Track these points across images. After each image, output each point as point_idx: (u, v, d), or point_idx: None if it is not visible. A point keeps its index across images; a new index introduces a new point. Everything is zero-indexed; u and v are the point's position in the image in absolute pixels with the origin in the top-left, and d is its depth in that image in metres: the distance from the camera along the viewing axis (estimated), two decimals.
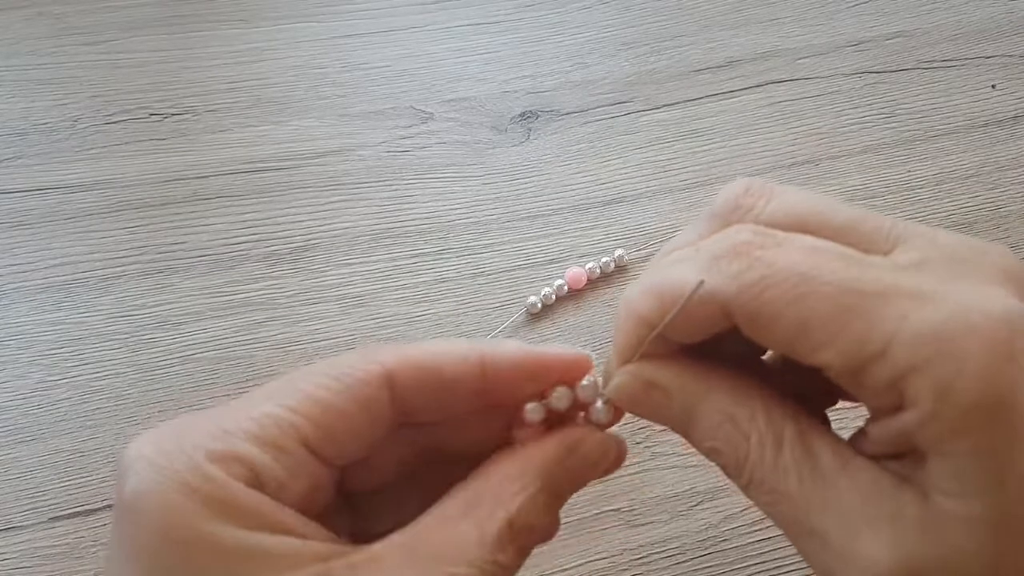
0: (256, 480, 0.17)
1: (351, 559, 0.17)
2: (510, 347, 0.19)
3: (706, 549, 0.31)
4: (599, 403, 0.20)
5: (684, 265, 0.18)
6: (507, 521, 0.18)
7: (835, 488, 0.17)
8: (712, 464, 0.33)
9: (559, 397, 0.19)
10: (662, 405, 0.19)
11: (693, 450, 0.33)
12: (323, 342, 0.36)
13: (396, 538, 0.18)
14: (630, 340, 0.19)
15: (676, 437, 0.34)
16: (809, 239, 0.17)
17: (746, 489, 0.18)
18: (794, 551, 0.31)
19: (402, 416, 0.19)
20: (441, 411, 0.20)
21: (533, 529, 0.18)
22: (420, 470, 0.20)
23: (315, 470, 0.18)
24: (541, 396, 0.20)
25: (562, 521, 0.31)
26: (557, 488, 0.19)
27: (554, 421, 0.20)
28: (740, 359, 0.20)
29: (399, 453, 0.20)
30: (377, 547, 0.18)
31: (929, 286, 0.16)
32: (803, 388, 0.19)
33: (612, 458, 0.20)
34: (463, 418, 0.20)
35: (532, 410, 0.19)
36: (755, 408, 0.18)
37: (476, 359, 0.19)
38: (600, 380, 0.20)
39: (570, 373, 0.20)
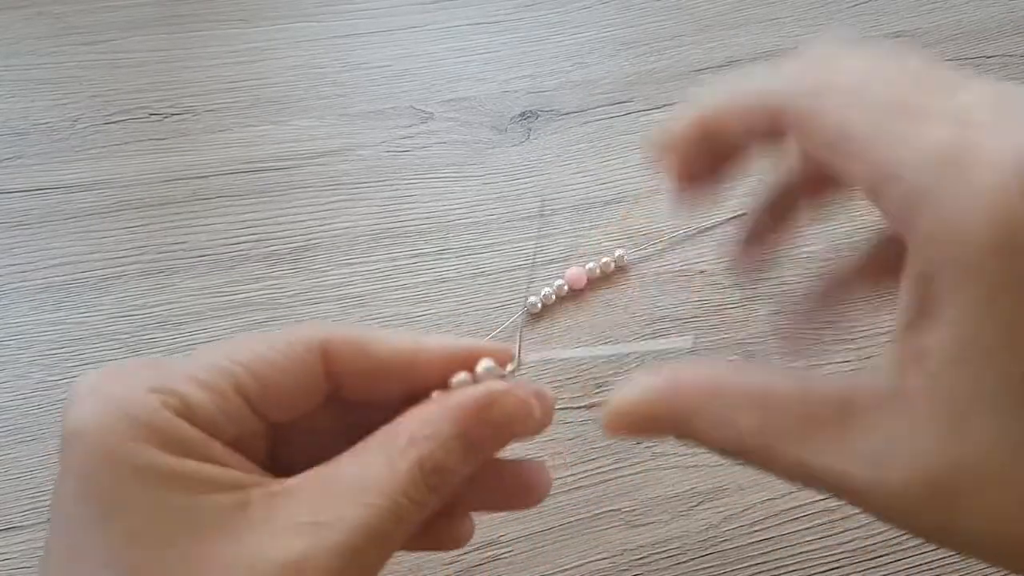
0: (189, 414, 0.18)
1: (270, 488, 0.18)
2: (439, 338, 0.21)
3: (706, 549, 0.31)
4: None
5: (758, 71, 0.19)
6: (418, 459, 0.19)
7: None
8: (713, 464, 0.33)
9: (486, 370, 0.21)
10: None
11: (694, 450, 0.33)
12: None
13: (313, 471, 0.19)
14: (683, 129, 0.20)
15: None
16: (872, 53, 0.18)
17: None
18: (794, 551, 0.31)
19: (334, 388, 0.21)
20: (369, 389, 0.21)
21: (445, 471, 0.19)
22: (346, 446, 0.21)
23: (247, 419, 0.19)
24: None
25: (562, 521, 0.32)
26: (474, 437, 0.20)
27: None
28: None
29: (329, 427, 0.22)
30: (295, 479, 0.19)
31: (967, 115, 0.15)
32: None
33: (537, 417, 0.21)
34: (392, 402, 0.21)
35: (459, 381, 0.20)
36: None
37: (407, 346, 0.21)
38: (499, 366, 0.21)
39: (495, 359, 0.21)
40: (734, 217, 0.40)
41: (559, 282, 0.37)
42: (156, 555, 0.17)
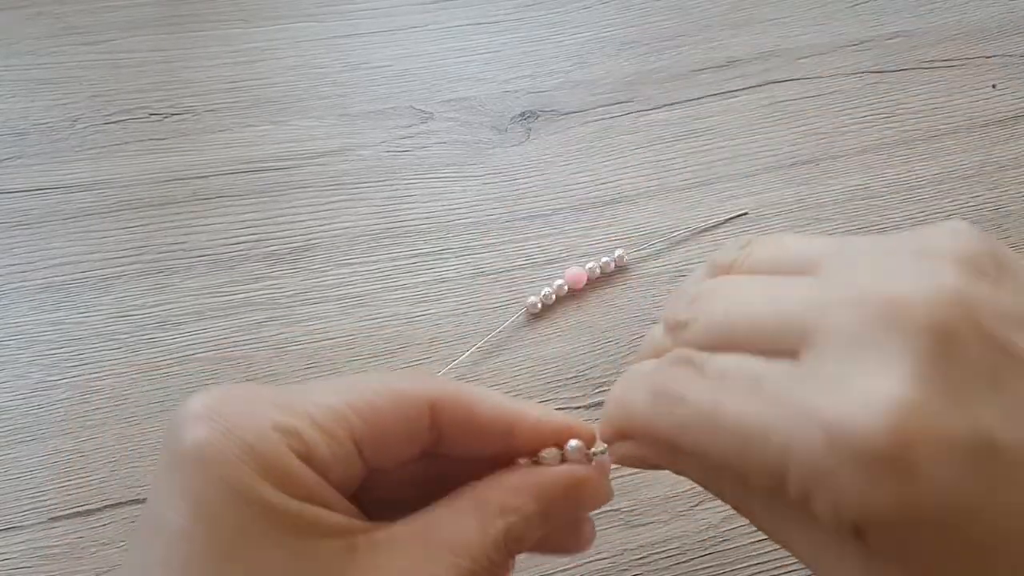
0: (308, 457, 0.19)
1: (373, 536, 0.19)
2: (538, 411, 0.22)
3: (706, 549, 0.31)
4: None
5: (637, 392, 0.20)
6: (505, 528, 0.20)
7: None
8: None
9: (574, 449, 0.22)
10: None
11: None
12: (323, 342, 0.36)
13: (412, 523, 0.20)
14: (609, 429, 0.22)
15: None
16: (722, 362, 0.18)
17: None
18: None
19: (433, 443, 0.22)
20: (464, 447, 0.22)
21: (522, 540, 0.21)
22: (424, 491, 0.22)
23: (354, 464, 0.20)
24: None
25: None
26: (551, 512, 0.21)
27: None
28: None
29: (411, 471, 0.23)
30: (396, 527, 0.20)
31: (817, 398, 0.16)
32: None
33: (601, 501, 0.23)
34: (478, 457, 0.22)
35: (549, 456, 0.22)
36: None
37: (508, 414, 0.22)
38: (588, 445, 0.23)
39: (581, 439, 0.23)
40: (734, 217, 0.40)
41: (559, 282, 0.37)
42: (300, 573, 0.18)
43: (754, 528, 0.31)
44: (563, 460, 0.22)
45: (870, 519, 0.15)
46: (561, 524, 0.23)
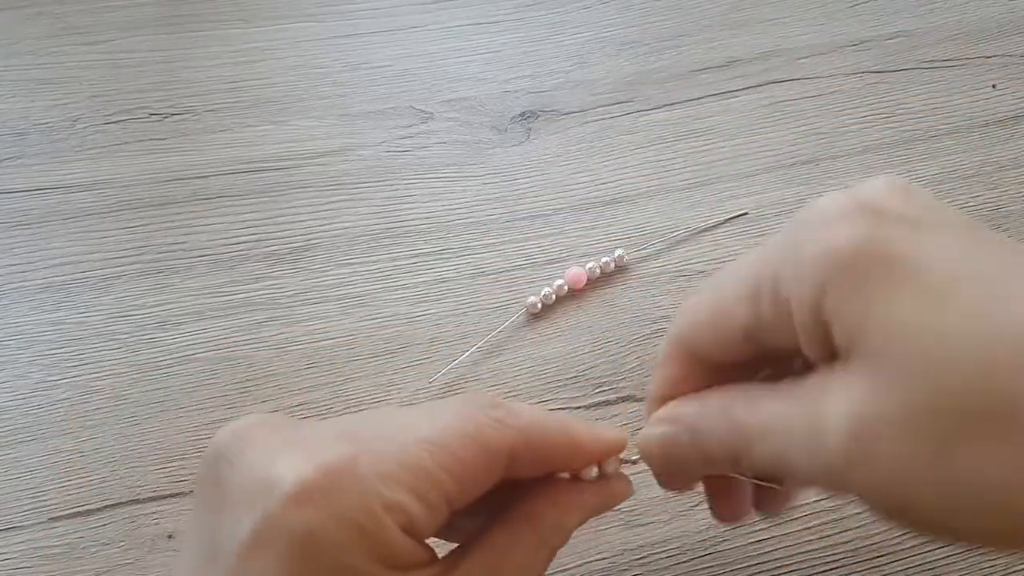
0: (410, 527, 0.20)
1: None
2: (588, 433, 0.24)
3: (706, 549, 0.31)
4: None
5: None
6: (554, 546, 0.23)
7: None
8: None
9: (611, 463, 0.25)
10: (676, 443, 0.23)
11: None
12: (323, 342, 0.36)
13: (479, 554, 0.21)
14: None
15: None
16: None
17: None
18: (794, 551, 0.31)
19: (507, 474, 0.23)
20: (529, 473, 0.23)
21: (558, 550, 0.23)
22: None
23: (444, 520, 0.21)
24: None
25: None
26: (586, 521, 0.24)
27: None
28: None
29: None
30: (470, 563, 0.21)
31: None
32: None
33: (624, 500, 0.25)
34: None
35: (590, 475, 0.24)
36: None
37: (570, 444, 0.23)
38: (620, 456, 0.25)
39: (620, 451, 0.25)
40: (734, 217, 0.40)
41: (559, 282, 0.37)
42: None
43: (754, 528, 0.31)
44: (599, 474, 0.24)
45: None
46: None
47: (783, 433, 0.19)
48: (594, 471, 0.24)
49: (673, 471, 0.24)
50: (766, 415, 0.20)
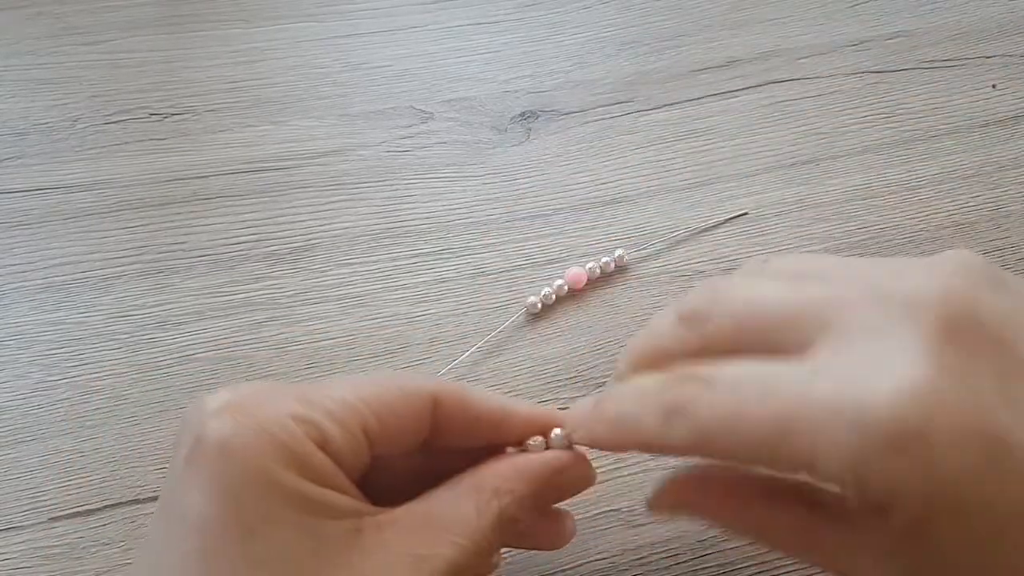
0: (324, 445, 0.20)
1: (378, 518, 0.21)
2: (526, 405, 0.25)
3: (706, 549, 0.31)
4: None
5: (646, 410, 0.21)
6: (499, 509, 0.22)
7: None
8: None
9: (557, 437, 0.25)
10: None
11: None
12: (323, 342, 0.36)
13: (414, 506, 0.22)
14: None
15: None
16: (731, 371, 0.20)
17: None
18: None
19: (433, 434, 0.23)
20: (459, 439, 0.24)
21: (516, 521, 0.23)
22: (426, 482, 0.24)
23: (364, 452, 0.22)
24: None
25: None
26: (540, 496, 0.23)
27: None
28: None
29: (408, 460, 0.25)
30: (399, 511, 0.22)
31: (840, 386, 0.17)
32: None
33: (584, 485, 0.25)
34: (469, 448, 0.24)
35: (535, 444, 0.25)
36: None
37: (500, 408, 0.24)
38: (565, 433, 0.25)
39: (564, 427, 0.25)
40: (734, 217, 0.40)
41: (559, 282, 0.37)
42: (289, 573, 0.19)
43: None
44: (547, 447, 0.24)
45: (895, 494, 0.16)
46: (548, 508, 0.25)
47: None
48: (540, 444, 0.24)
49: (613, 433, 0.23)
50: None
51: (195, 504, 0.19)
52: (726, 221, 0.40)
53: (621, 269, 0.38)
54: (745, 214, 0.40)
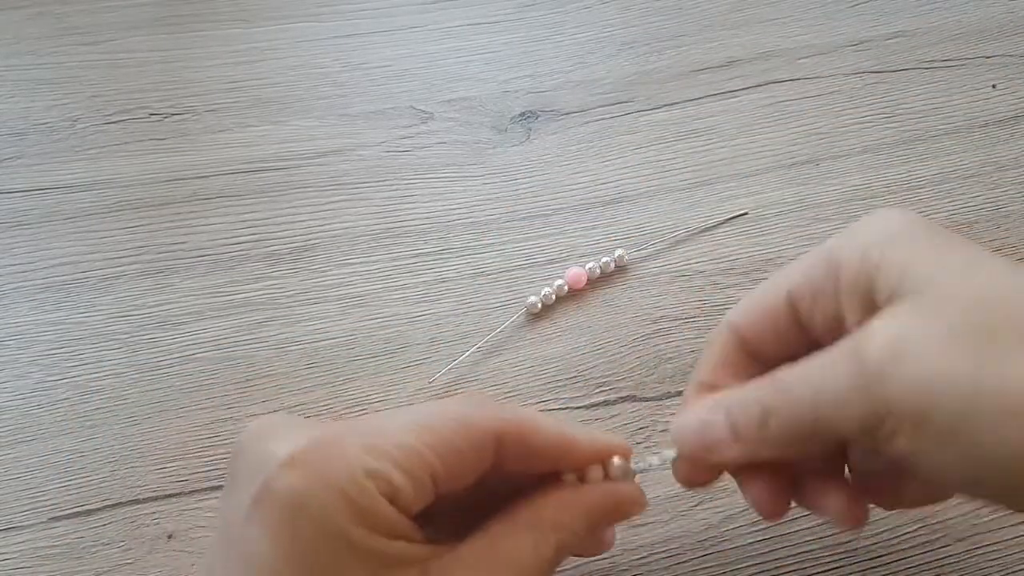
0: (393, 498, 0.21)
1: (443, 560, 0.21)
2: (588, 435, 0.25)
3: (706, 549, 0.31)
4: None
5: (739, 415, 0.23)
6: (556, 544, 0.22)
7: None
8: None
9: (617, 467, 0.25)
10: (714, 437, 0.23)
11: None
12: (323, 342, 0.36)
13: (475, 543, 0.22)
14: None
15: None
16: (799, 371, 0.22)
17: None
18: (794, 551, 0.31)
19: (494, 467, 0.23)
20: (524, 468, 0.24)
21: (570, 551, 0.23)
22: (480, 504, 0.24)
23: (429, 495, 0.22)
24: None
25: None
26: (595, 526, 0.24)
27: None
28: None
29: (471, 491, 0.25)
30: (462, 549, 0.22)
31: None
32: None
33: (638, 511, 0.25)
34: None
35: (594, 476, 0.24)
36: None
37: (562, 440, 0.24)
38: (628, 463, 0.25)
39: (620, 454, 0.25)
40: (734, 217, 0.40)
41: (559, 282, 0.37)
42: None
43: (754, 528, 0.31)
44: (606, 475, 0.24)
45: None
46: (600, 534, 0.26)
47: (819, 373, 0.21)
48: (599, 473, 0.24)
49: (702, 454, 0.24)
50: (805, 365, 0.21)
51: (264, 553, 0.20)
52: (726, 221, 0.40)
53: (621, 269, 0.38)
54: (745, 214, 0.40)
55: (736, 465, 0.24)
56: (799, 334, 0.24)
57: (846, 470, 0.25)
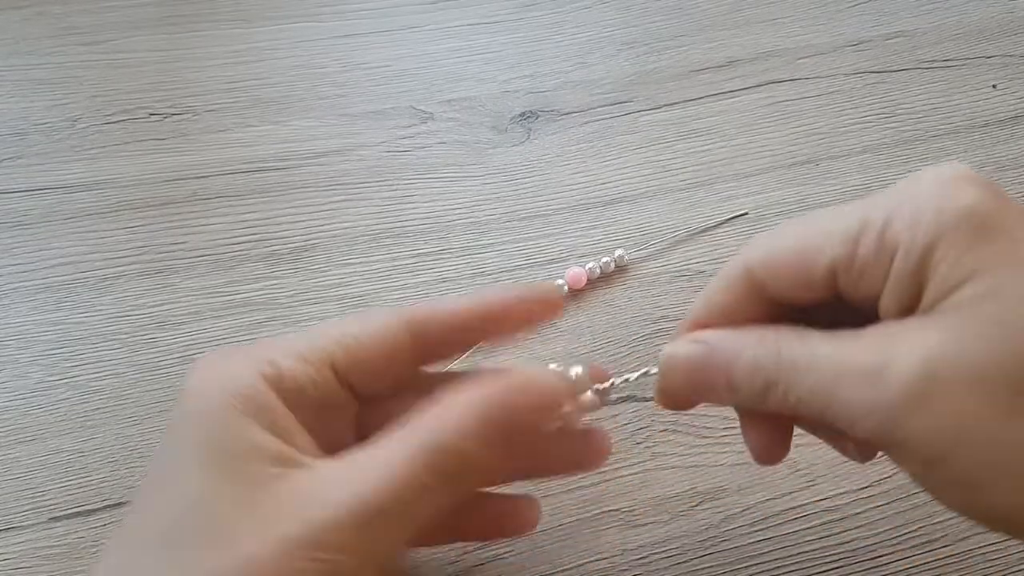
0: (279, 382, 0.21)
1: (310, 466, 0.20)
2: (495, 289, 0.25)
3: (706, 549, 0.31)
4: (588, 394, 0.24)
5: (745, 377, 0.21)
6: (436, 445, 0.20)
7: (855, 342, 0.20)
8: (712, 464, 0.34)
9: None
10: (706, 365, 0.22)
11: (694, 450, 0.33)
12: None
13: (357, 451, 0.20)
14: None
15: (676, 437, 0.34)
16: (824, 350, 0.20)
17: (784, 398, 0.20)
18: (794, 551, 0.31)
19: (420, 357, 0.23)
20: (451, 351, 0.24)
21: (464, 458, 0.20)
22: None
23: (336, 390, 0.22)
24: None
25: (562, 521, 0.31)
26: (497, 423, 0.20)
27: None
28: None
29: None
30: (343, 457, 0.20)
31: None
32: None
33: (559, 403, 0.23)
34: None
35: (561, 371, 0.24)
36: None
37: (469, 304, 0.23)
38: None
39: (547, 306, 0.25)
40: (734, 217, 0.40)
41: (559, 282, 0.37)
42: (228, 491, 0.19)
43: (754, 528, 0.31)
44: (600, 399, 0.24)
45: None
46: (518, 443, 0.21)
47: (835, 368, 0.19)
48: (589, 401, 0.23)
49: (687, 392, 0.23)
50: (819, 349, 0.20)
51: (169, 451, 0.21)
52: (726, 221, 0.40)
53: (621, 269, 0.38)
54: (745, 214, 0.40)
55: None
56: (828, 293, 0.22)
57: None
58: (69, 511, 0.32)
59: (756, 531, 0.31)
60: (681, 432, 0.34)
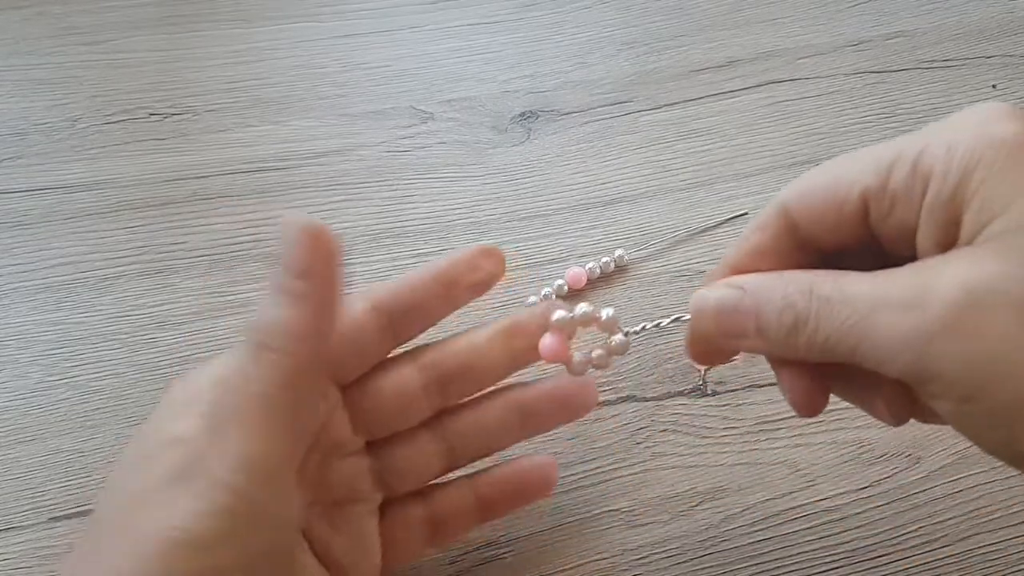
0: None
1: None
2: (446, 255, 0.26)
3: (706, 549, 0.31)
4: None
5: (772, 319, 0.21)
6: (263, 347, 0.24)
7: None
8: (713, 464, 0.34)
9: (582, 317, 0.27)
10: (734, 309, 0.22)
11: (694, 450, 0.33)
12: None
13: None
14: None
15: (676, 437, 0.34)
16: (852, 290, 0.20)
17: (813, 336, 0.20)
18: (794, 551, 0.31)
19: (393, 336, 0.26)
20: (421, 319, 0.26)
21: (307, 363, 0.24)
22: None
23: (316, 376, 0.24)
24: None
25: (562, 521, 0.32)
26: (313, 321, 0.24)
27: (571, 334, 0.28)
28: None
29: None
30: None
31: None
32: None
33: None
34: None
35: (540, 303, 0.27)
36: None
37: (427, 268, 0.26)
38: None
39: (492, 259, 0.28)
40: (734, 217, 0.40)
41: (559, 282, 0.37)
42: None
43: (754, 528, 0.31)
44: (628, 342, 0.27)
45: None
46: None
47: (870, 301, 0.19)
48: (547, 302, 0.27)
49: (717, 336, 0.22)
50: (852, 286, 0.19)
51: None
52: (726, 221, 0.40)
53: (621, 269, 0.38)
54: (745, 214, 0.40)
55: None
56: (862, 231, 0.21)
57: None
58: (69, 511, 0.32)
59: (756, 531, 0.31)
60: (681, 432, 0.34)
